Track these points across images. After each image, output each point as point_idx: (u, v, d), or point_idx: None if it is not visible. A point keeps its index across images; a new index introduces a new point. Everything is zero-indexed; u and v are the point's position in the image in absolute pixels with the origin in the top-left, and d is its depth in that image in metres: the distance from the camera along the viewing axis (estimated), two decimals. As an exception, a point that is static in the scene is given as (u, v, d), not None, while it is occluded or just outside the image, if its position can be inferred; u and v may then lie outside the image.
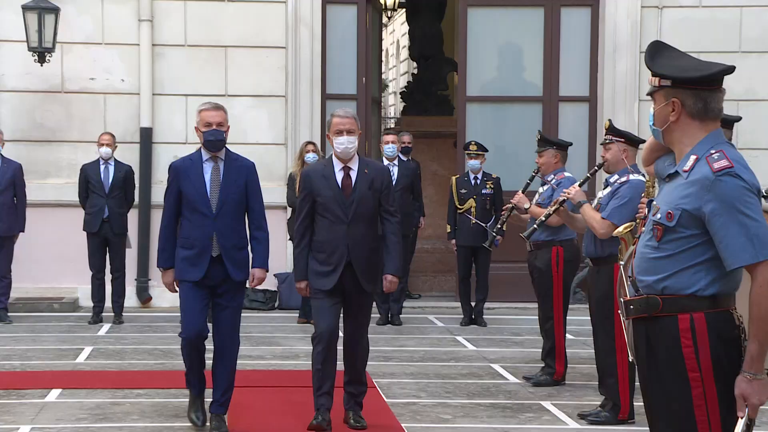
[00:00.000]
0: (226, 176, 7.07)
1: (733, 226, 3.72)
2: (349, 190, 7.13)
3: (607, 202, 7.50)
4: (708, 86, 3.89)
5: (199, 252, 7.01)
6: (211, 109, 7.16)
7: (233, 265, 7.04)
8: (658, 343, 3.87)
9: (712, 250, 3.79)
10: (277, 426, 7.42)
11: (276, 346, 10.74)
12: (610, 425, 7.50)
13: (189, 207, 7.07)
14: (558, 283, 8.90)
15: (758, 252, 3.70)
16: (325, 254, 7.07)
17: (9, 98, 13.56)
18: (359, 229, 7.09)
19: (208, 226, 7.01)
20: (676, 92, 3.89)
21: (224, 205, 7.02)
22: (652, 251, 3.89)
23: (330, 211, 7.07)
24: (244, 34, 13.74)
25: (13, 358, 9.96)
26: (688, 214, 3.80)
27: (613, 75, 13.92)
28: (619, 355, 7.51)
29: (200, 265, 7.00)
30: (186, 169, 7.14)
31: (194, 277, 7.02)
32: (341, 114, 7.23)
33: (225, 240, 7.02)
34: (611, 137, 7.68)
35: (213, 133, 7.03)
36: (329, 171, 7.17)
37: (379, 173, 7.28)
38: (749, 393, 3.72)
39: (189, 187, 7.06)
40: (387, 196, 7.28)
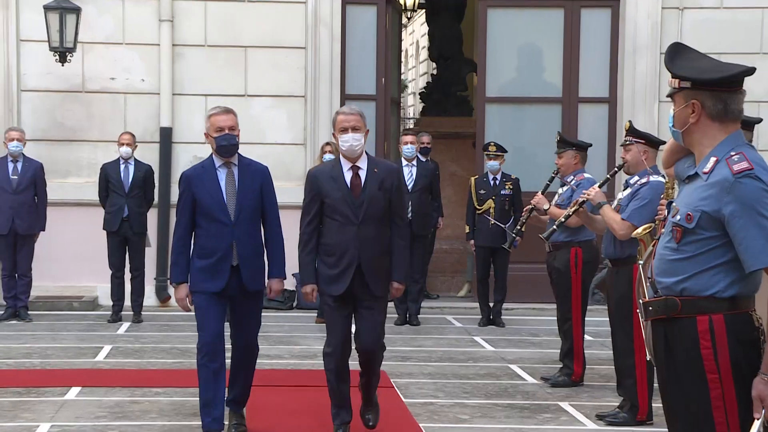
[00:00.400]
0: (241, 182, 6.85)
1: (753, 228, 3.71)
2: (359, 190, 6.80)
3: (627, 204, 7.48)
4: (728, 88, 3.88)
5: (218, 261, 6.79)
6: (221, 113, 6.87)
7: (251, 273, 6.85)
8: (676, 345, 3.86)
9: (731, 252, 3.79)
10: (295, 425, 7.43)
11: (294, 345, 10.76)
12: (628, 426, 7.49)
13: (205, 216, 6.82)
14: (577, 284, 8.89)
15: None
16: (335, 257, 6.77)
17: (30, 98, 13.63)
18: (369, 231, 6.78)
19: (227, 235, 6.79)
20: (696, 94, 3.88)
21: (242, 212, 6.81)
22: (672, 253, 3.89)
23: (339, 213, 6.76)
24: (263, 35, 13.77)
25: (33, 356, 10.01)
26: (707, 215, 3.79)
27: (633, 76, 13.88)
28: (637, 356, 7.49)
29: (220, 276, 6.79)
30: (199, 177, 6.87)
31: (215, 288, 6.80)
32: (346, 111, 6.91)
33: (244, 248, 6.81)
34: (631, 138, 7.66)
35: (225, 138, 6.78)
36: (337, 171, 6.84)
37: (389, 173, 6.93)
38: (766, 395, 3.71)
39: (204, 195, 6.81)
40: (397, 198, 6.96)
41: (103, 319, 12.17)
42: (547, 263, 9.17)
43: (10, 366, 9.51)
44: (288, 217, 13.50)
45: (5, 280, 12.31)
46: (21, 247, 12.19)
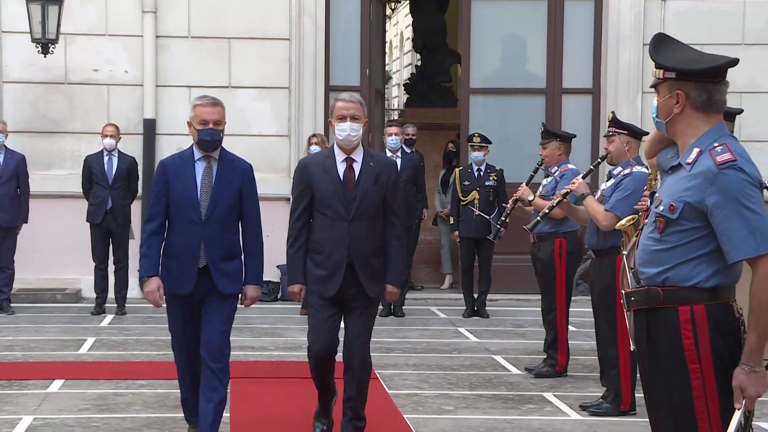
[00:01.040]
0: (220, 178, 6.28)
1: (736, 219, 3.72)
2: (352, 184, 6.34)
3: (611, 194, 7.49)
4: (713, 78, 3.89)
5: (184, 262, 6.26)
6: (208, 104, 6.33)
7: (221, 276, 6.26)
8: (658, 335, 3.88)
9: (713, 242, 3.80)
10: (280, 416, 7.42)
11: (278, 337, 10.75)
12: (611, 416, 7.51)
13: (176, 211, 6.30)
14: (561, 274, 8.90)
15: (760, 245, 3.71)
16: (323, 255, 6.35)
17: (12, 89, 13.57)
18: (362, 228, 6.32)
19: (195, 234, 6.23)
20: (680, 84, 3.89)
21: (215, 210, 6.23)
22: (655, 243, 3.90)
23: (330, 208, 6.32)
24: (247, 26, 13.74)
25: (15, 348, 9.97)
26: (690, 206, 3.81)
27: (617, 67, 13.91)
28: (621, 346, 7.52)
29: (187, 278, 6.25)
30: (176, 168, 6.36)
31: (182, 291, 6.29)
32: (346, 98, 6.42)
33: (213, 250, 6.24)
34: (614, 129, 7.67)
35: (209, 132, 6.25)
36: (330, 163, 6.38)
37: (385, 167, 6.48)
38: (747, 385, 3.73)
39: (177, 188, 6.28)
40: (393, 194, 6.46)
41: (87, 311, 12.14)
42: (531, 254, 9.17)
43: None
44: (272, 208, 13.57)
45: (-12, 273, 12.27)
46: (3, 240, 12.14)
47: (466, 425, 7.24)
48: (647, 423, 6.85)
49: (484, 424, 7.27)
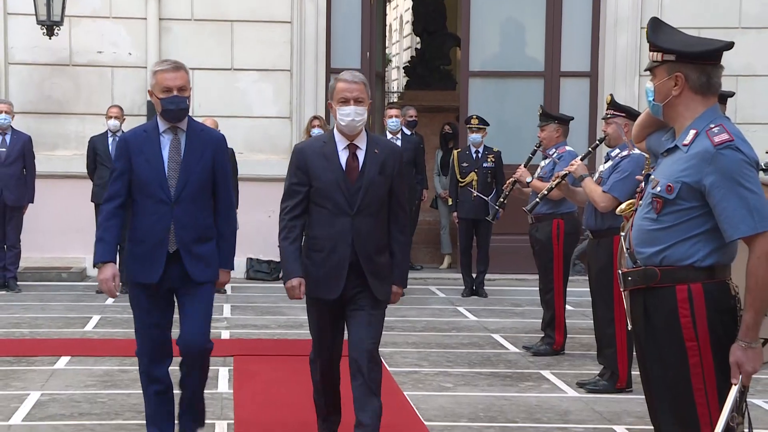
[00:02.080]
0: (189, 151, 5.61)
1: (733, 198, 3.74)
2: (356, 173, 5.57)
3: (608, 176, 7.51)
4: (711, 61, 3.91)
5: (152, 247, 5.59)
6: (169, 69, 5.63)
7: (194, 261, 5.62)
8: (655, 314, 3.90)
9: (710, 221, 3.82)
10: (283, 393, 7.46)
11: (280, 315, 10.77)
12: (608, 394, 7.54)
13: (141, 190, 5.61)
14: (558, 255, 8.93)
15: (757, 224, 3.74)
16: (323, 253, 5.59)
17: (18, 71, 13.56)
18: (367, 223, 5.58)
19: (164, 215, 5.58)
20: (680, 67, 3.90)
21: (186, 188, 5.58)
22: (651, 223, 3.91)
23: (331, 200, 5.56)
24: (249, 9, 13.71)
25: (22, 326, 10.01)
26: (687, 186, 3.82)
27: (614, 50, 13.89)
28: (617, 325, 7.55)
29: (155, 264, 5.58)
30: (139, 142, 5.65)
31: (149, 279, 5.62)
32: (348, 78, 5.60)
33: (185, 232, 5.59)
34: (612, 112, 7.69)
35: (173, 100, 5.56)
36: (330, 149, 5.61)
37: (391, 154, 5.72)
38: (744, 361, 3.76)
39: (142, 165, 5.59)
40: (399, 184, 5.73)
41: (92, 289, 12.15)
42: (529, 235, 9.20)
43: (0, 335, 9.50)
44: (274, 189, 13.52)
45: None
46: (10, 219, 12.17)
47: (465, 402, 7.27)
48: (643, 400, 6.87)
49: (482, 401, 7.31)
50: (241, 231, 6.42)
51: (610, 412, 7.07)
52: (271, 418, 6.80)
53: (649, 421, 6.43)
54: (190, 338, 5.68)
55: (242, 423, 6.61)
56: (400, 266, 5.78)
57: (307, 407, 6.88)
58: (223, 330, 9.74)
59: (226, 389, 7.52)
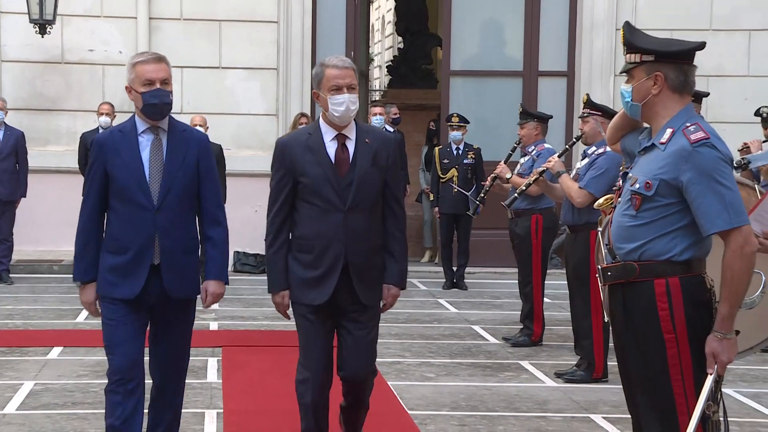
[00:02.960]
0: (171, 153, 4.91)
1: (710, 194, 3.75)
2: (346, 166, 4.97)
3: (585, 173, 7.52)
4: (687, 60, 3.92)
5: (133, 259, 4.86)
6: (151, 60, 4.95)
7: (177, 276, 4.89)
8: (635, 307, 3.89)
9: (687, 217, 3.83)
10: (271, 383, 7.44)
11: (266, 307, 10.70)
12: (585, 383, 7.55)
13: (120, 196, 4.89)
14: (537, 249, 8.94)
15: (732, 219, 3.75)
16: (312, 255, 4.97)
17: (11, 68, 13.51)
18: (359, 220, 4.96)
19: (146, 223, 4.86)
20: (659, 66, 3.91)
21: (170, 194, 4.88)
22: (630, 220, 3.91)
23: (319, 196, 4.95)
24: (237, 9, 13.69)
25: (15, 317, 9.96)
26: (665, 183, 3.83)
27: (590, 51, 13.92)
28: (594, 317, 7.57)
29: (135, 278, 4.86)
30: (115, 144, 4.93)
31: (127, 294, 4.87)
32: (338, 64, 4.97)
33: (170, 242, 4.88)
34: (589, 111, 7.69)
35: (156, 93, 4.86)
36: (317, 141, 4.99)
37: (384, 144, 5.08)
38: (719, 351, 3.77)
39: (120, 169, 4.87)
40: (394, 176, 5.09)
41: (83, 282, 12.08)
42: (509, 229, 9.21)
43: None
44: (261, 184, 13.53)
45: (-13, 245, 12.24)
46: (2, 213, 12.12)
47: (447, 392, 7.28)
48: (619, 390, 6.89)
49: (464, 391, 7.31)
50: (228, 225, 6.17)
51: (586, 401, 7.08)
52: (259, 407, 6.79)
53: (625, 410, 6.45)
54: (165, 361, 4.99)
55: (231, 412, 6.59)
56: (397, 265, 5.11)
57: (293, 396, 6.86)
58: (212, 321, 9.72)
59: (215, 379, 7.50)
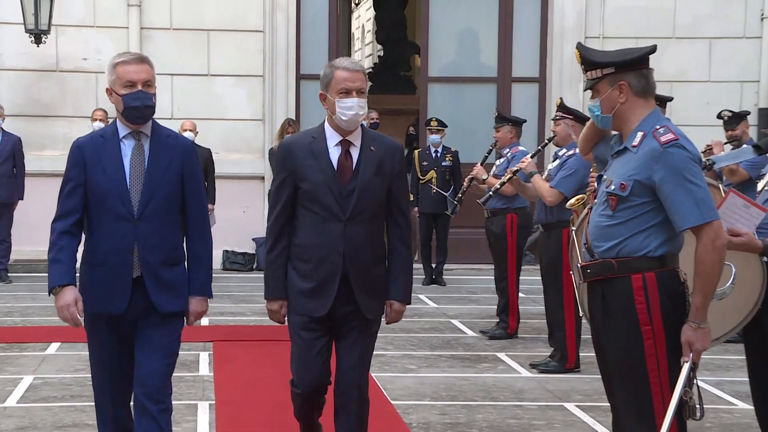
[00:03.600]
0: (154, 160, 4.40)
1: (681, 192, 3.77)
2: (349, 173, 4.53)
3: (556, 173, 7.55)
4: (645, 65, 3.94)
5: (112, 272, 4.36)
6: (132, 61, 4.43)
7: (160, 289, 4.39)
8: (613, 302, 3.89)
9: (661, 215, 3.83)
10: (260, 375, 7.43)
11: (255, 303, 10.70)
12: (558, 374, 7.57)
13: (98, 206, 4.38)
14: (512, 246, 8.95)
15: (704, 214, 3.77)
16: (311, 264, 4.55)
17: (7, 76, 13.42)
18: (360, 230, 4.53)
19: (126, 234, 4.35)
20: (621, 76, 3.92)
21: (152, 203, 4.37)
22: (608, 219, 3.91)
23: (320, 204, 4.52)
24: (225, 19, 13.65)
25: (14, 314, 9.90)
26: (639, 183, 3.83)
27: (561, 58, 13.94)
28: (567, 311, 7.58)
29: (118, 292, 4.36)
30: (95, 150, 4.41)
31: (113, 309, 4.38)
32: (348, 66, 4.53)
33: (151, 254, 4.36)
34: (561, 114, 7.72)
35: (138, 95, 4.35)
36: (320, 146, 4.54)
37: (389, 152, 4.61)
38: (694, 340, 3.79)
39: (99, 176, 4.36)
40: (399, 186, 4.64)
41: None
42: (485, 228, 9.22)
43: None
44: (248, 186, 13.56)
45: (-14, 245, 12.17)
46: (1, 215, 12.08)
47: (428, 382, 7.28)
48: (591, 379, 6.94)
49: (444, 381, 7.31)
50: (218, 226, 6.04)
51: (560, 390, 7.09)
52: (249, 398, 6.76)
53: (597, 399, 6.51)
54: (148, 375, 4.44)
55: (223, 403, 6.58)
56: (401, 280, 4.66)
57: (281, 387, 6.85)
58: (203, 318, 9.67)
59: (206, 372, 7.48)
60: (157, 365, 4.44)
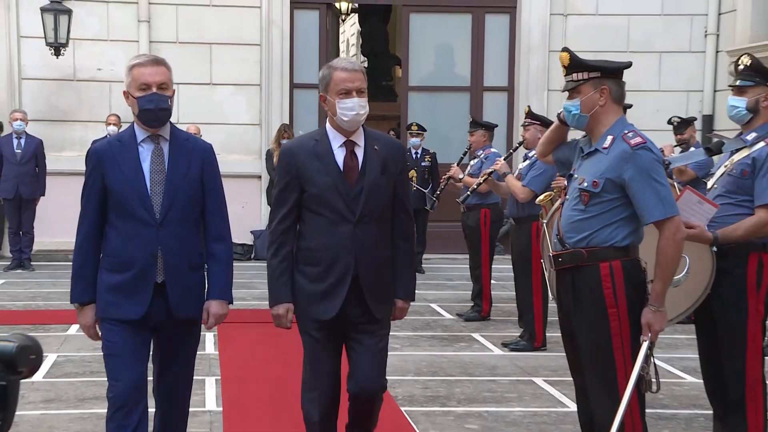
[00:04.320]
0: (174, 164, 3.95)
1: (648, 190, 3.78)
2: (356, 174, 4.04)
3: (527, 173, 7.57)
4: (622, 76, 3.96)
5: (136, 277, 3.91)
6: (148, 63, 4.00)
7: (182, 294, 3.94)
8: (583, 288, 3.90)
9: (628, 210, 3.85)
10: (261, 353, 7.43)
11: (254, 289, 10.70)
12: (527, 352, 7.60)
13: (120, 210, 3.93)
14: (485, 238, 8.98)
15: (667, 210, 3.79)
16: (320, 267, 4.04)
17: (30, 85, 13.35)
18: (369, 231, 4.04)
19: (149, 239, 3.91)
20: (604, 81, 3.92)
21: (173, 207, 3.93)
22: (579, 214, 3.92)
23: (328, 206, 4.02)
24: (225, 33, 13.61)
25: (37, 299, 9.86)
26: (610, 181, 3.85)
27: (528, 70, 13.97)
28: (535, 296, 7.62)
29: (139, 297, 3.91)
30: (114, 154, 3.96)
31: (131, 315, 3.91)
32: (347, 66, 4.08)
33: (174, 257, 3.93)
34: (530, 120, 7.75)
35: (152, 98, 3.91)
36: (324, 148, 4.06)
37: (393, 151, 4.16)
38: (653, 321, 3.81)
39: (119, 181, 3.92)
40: (403, 185, 4.19)
41: (95, 268, 11.98)
42: (461, 222, 9.24)
43: (19, 307, 9.38)
44: (247, 184, 13.53)
45: (11, 237, 12.14)
46: (25, 209, 12.02)
47: (411, 360, 7.29)
48: (556, 356, 6.98)
49: (425, 359, 7.33)
50: None
51: (529, 366, 7.12)
52: (251, 375, 6.76)
53: (562, 374, 6.54)
54: (170, 388, 4.08)
55: (228, 379, 6.57)
56: (405, 277, 4.22)
57: (281, 365, 6.88)
58: (207, 302, 9.66)
59: (212, 351, 7.47)
60: (177, 375, 4.07)
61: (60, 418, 5.70)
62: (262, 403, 6.02)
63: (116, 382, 3.94)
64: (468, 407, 6.00)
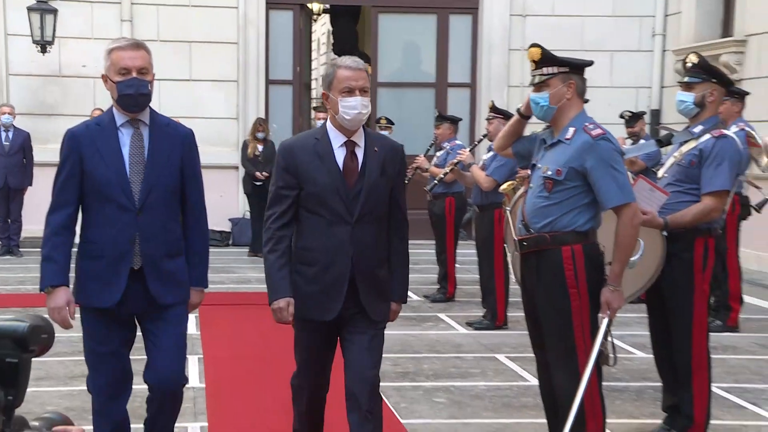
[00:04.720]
0: (154, 148, 3.69)
1: (608, 177, 3.81)
2: (355, 175, 3.78)
3: (490, 163, 7.60)
4: (584, 72, 3.99)
5: (111, 264, 3.66)
6: (128, 47, 3.67)
7: (161, 280, 3.69)
8: (546, 270, 3.93)
9: (588, 196, 3.88)
10: (240, 333, 7.42)
11: (232, 273, 10.69)
12: (490, 330, 7.64)
13: (97, 196, 3.67)
14: (450, 225, 9.01)
15: (625, 197, 3.83)
16: (317, 268, 3.77)
17: (18, 81, 13.19)
18: (367, 232, 3.79)
19: (127, 224, 3.65)
20: (571, 76, 3.95)
21: (152, 192, 3.67)
22: (544, 200, 3.94)
23: (327, 207, 3.76)
24: (204, 32, 13.52)
25: (26, 283, 9.76)
26: (573, 170, 3.87)
27: (489, 67, 14.01)
28: (497, 278, 7.66)
29: (114, 284, 3.65)
30: (91, 138, 3.69)
31: (105, 302, 3.67)
32: (351, 65, 3.76)
33: (152, 245, 3.68)
34: (493, 114, 7.78)
35: (131, 83, 3.61)
36: (325, 147, 3.78)
37: (391, 152, 3.88)
38: (611, 300, 3.86)
39: (98, 166, 3.65)
40: (400, 186, 3.92)
41: (81, 254, 11.90)
42: (428, 209, 9.26)
43: (9, 291, 9.29)
44: (224, 175, 13.46)
45: (0, 224, 11.99)
46: (13, 199, 11.90)
47: (382, 338, 7.31)
48: (518, 335, 7.03)
49: (395, 338, 7.30)
50: None
51: (492, 344, 7.16)
52: (232, 353, 6.76)
53: (522, 351, 6.60)
54: (164, 375, 3.77)
55: (210, 358, 6.56)
56: (400, 279, 3.95)
57: (260, 345, 6.88)
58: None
59: (194, 331, 7.44)
60: (169, 362, 3.77)
61: (51, 394, 5.68)
62: (242, 380, 6.02)
63: (97, 374, 3.76)
64: (436, 382, 6.03)
